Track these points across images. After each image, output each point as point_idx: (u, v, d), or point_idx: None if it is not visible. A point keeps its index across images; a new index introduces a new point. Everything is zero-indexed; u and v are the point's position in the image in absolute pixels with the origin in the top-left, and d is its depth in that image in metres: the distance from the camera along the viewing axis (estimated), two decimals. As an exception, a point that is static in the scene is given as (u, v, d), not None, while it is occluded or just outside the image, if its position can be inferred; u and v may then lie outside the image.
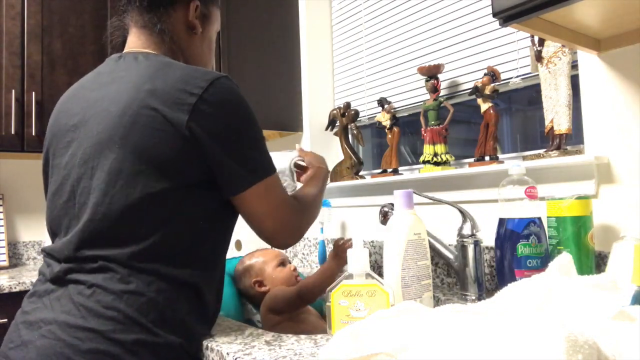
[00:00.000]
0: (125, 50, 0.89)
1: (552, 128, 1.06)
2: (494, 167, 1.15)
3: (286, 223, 0.83)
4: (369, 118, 1.72)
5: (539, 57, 1.07)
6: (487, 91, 1.22)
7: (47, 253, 0.82)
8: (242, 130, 0.78)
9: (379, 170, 1.54)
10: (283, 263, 1.26)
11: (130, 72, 0.80)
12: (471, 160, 1.29)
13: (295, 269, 1.27)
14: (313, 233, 1.78)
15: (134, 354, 0.69)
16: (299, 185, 1.06)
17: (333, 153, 1.85)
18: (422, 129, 1.37)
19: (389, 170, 1.51)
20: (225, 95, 0.77)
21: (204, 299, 0.80)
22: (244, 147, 0.78)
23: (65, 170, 0.81)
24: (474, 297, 1.03)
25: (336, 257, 1.17)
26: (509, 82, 1.24)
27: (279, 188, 0.82)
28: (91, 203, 0.75)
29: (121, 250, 0.73)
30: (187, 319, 0.76)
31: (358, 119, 1.64)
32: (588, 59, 1.01)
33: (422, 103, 1.42)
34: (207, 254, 0.81)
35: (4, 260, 1.95)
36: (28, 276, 1.61)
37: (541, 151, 1.08)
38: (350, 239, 1.21)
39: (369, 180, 1.51)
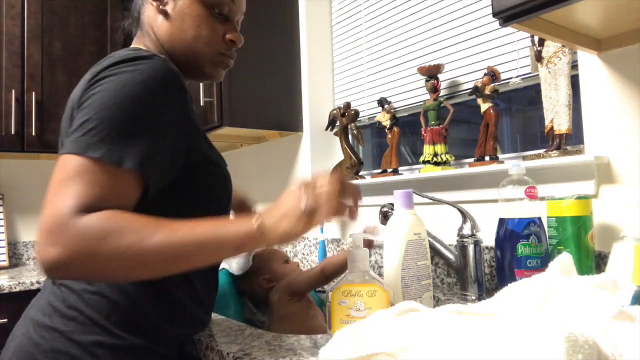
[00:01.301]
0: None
1: (552, 128, 1.06)
2: (494, 167, 1.15)
3: (53, 226, 0.56)
4: (369, 118, 1.72)
5: (539, 57, 1.07)
6: (487, 91, 1.22)
7: None
8: (114, 102, 0.63)
9: (379, 170, 1.54)
10: (287, 261, 1.28)
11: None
12: (471, 160, 1.29)
13: (298, 265, 1.29)
14: (313, 233, 1.78)
15: (93, 355, 0.69)
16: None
17: (333, 153, 1.85)
18: (422, 129, 1.37)
19: (389, 170, 1.51)
20: (117, 65, 0.67)
21: (174, 299, 0.76)
22: (92, 115, 0.63)
23: None
24: (474, 297, 1.03)
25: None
26: (509, 82, 1.24)
27: (78, 174, 0.59)
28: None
29: None
30: (154, 320, 0.74)
31: (358, 119, 1.64)
32: (588, 59, 1.01)
33: (422, 103, 1.42)
34: None
35: (4, 260, 1.95)
36: (28, 276, 1.60)
37: (541, 151, 1.08)
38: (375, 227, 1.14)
39: (369, 180, 1.51)
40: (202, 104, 1.67)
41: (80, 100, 0.67)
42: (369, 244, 1.01)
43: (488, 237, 1.14)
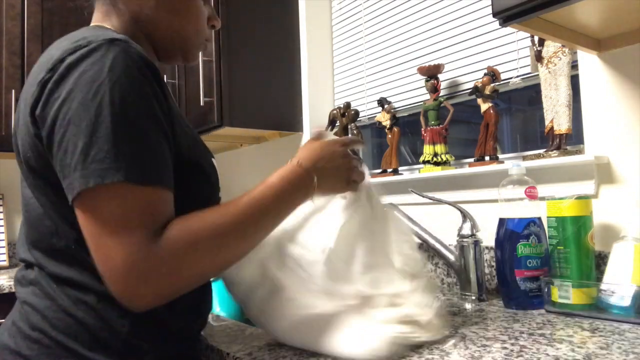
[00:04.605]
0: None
1: (552, 128, 1.06)
2: (494, 167, 1.15)
3: (119, 266, 0.53)
4: (369, 118, 1.72)
5: (539, 57, 1.07)
6: (487, 91, 1.22)
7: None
8: (90, 111, 0.55)
9: (379, 170, 1.54)
10: None
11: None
12: (471, 160, 1.29)
13: None
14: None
15: None
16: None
17: (333, 153, 1.85)
18: (422, 129, 1.37)
19: (389, 170, 1.50)
20: (87, 65, 0.57)
21: (152, 314, 0.60)
22: (86, 136, 0.55)
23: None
24: (474, 297, 1.03)
25: None
26: (509, 82, 1.24)
27: (125, 201, 0.55)
28: (22, 204, 0.70)
29: (51, 260, 0.64)
30: (130, 337, 0.62)
31: (358, 119, 1.64)
32: (588, 59, 1.00)
33: (422, 103, 1.42)
34: None
35: (4, 260, 1.95)
36: (28, 276, 1.60)
37: (541, 151, 1.08)
38: None
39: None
40: (202, 104, 1.67)
41: (45, 108, 0.58)
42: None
43: (488, 237, 1.14)
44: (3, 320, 0.70)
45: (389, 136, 1.51)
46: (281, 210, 0.65)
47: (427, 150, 1.35)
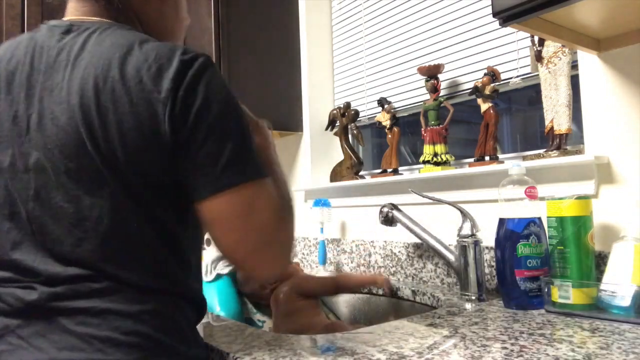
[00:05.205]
0: (68, 17, 0.71)
1: (552, 128, 1.06)
2: (494, 167, 1.15)
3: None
4: (369, 118, 1.72)
5: (539, 57, 1.07)
6: (487, 91, 1.22)
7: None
8: (231, 120, 0.65)
9: (379, 170, 1.54)
10: None
11: (94, 53, 0.63)
12: (471, 160, 1.29)
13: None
14: (313, 233, 1.77)
15: None
16: None
17: (333, 153, 1.85)
18: (422, 129, 1.37)
19: (389, 170, 1.51)
20: (208, 78, 0.64)
21: (201, 305, 0.74)
22: (234, 140, 0.64)
23: (8, 174, 0.65)
24: (473, 297, 1.03)
25: (381, 282, 1.26)
26: (509, 82, 1.24)
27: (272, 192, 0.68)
28: (68, 216, 0.62)
29: (129, 270, 0.63)
30: (194, 328, 0.71)
31: (358, 119, 1.64)
32: (588, 59, 1.01)
33: (422, 103, 1.42)
34: (196, 260, 0.73)
35: (4, 260, 1.95)
36: (28, 276, 1.60)
37: (541, 151, 1.08)
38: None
39: (369, 180, 1.51)
40: (202, 104, 1.67)
41: (184, 113, 0.62)
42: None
43: (488, 237, 1.14)
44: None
45: (389, 136, 1.51)
46: None
47: (427, 150, 1.35)
